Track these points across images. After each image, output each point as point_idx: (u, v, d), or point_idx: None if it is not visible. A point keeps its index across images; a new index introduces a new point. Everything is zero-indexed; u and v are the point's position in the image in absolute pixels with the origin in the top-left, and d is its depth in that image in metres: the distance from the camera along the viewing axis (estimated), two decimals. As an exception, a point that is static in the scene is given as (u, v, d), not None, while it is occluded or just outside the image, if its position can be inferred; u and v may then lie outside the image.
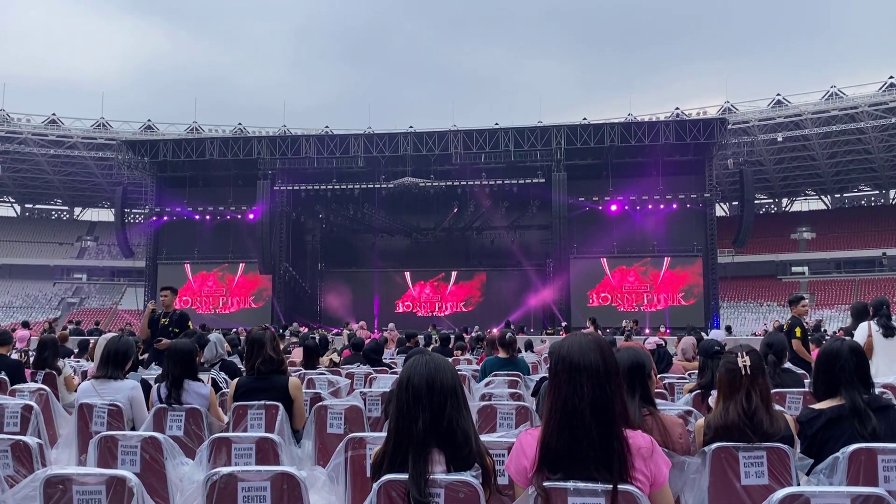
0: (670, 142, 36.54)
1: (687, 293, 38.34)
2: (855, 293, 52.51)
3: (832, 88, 46.43)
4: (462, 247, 41.77)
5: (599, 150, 37.69)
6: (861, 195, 59.81)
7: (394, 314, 39.10)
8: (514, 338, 8.80)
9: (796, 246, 57.50)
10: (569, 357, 2.66)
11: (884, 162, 51.51)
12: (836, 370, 3.82)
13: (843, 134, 47.65)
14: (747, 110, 48.08)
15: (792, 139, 48.20)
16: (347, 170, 38.55)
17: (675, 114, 47.67)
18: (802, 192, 60.06)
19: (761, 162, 50.61)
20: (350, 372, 8.80)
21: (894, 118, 44.74)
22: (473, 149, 37.70)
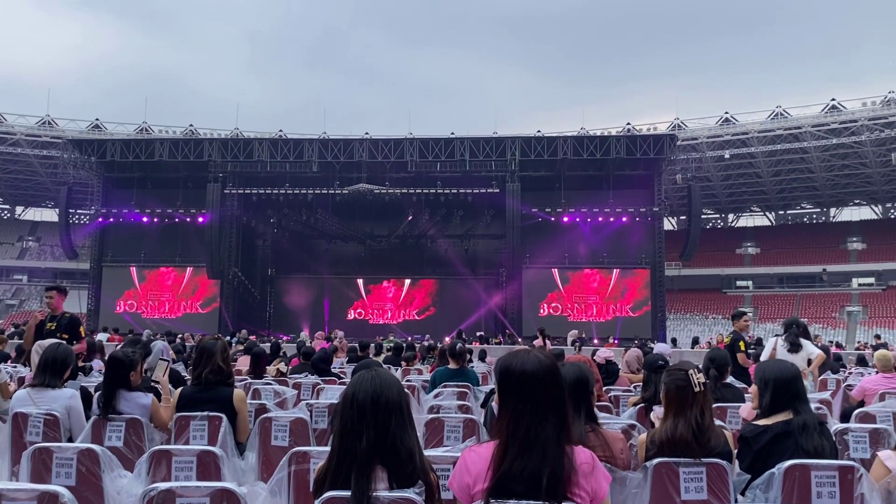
0: (621, 156, 37.21)
1: (635, 305, 39.01)
2: (797, 307, 54.11)
3: (777, 108, 47.89)
4: (416, 255, 41.73)
5: (553, 163, 38.15)
6: (803, 212, 61.74)
7: (345, 321, 38.81)
8: (464, 348, 8.81)
9: (741, 260, 59.03)
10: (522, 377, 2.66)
11: (825, 181, 53.30)
12: (789, 390, 3.94)
13: (788, 153, 49.18)
14: (696, 127, 49.25)
15: (738, 156, 49.55)
16: (301, 174, 38.20)
17: (626, 129, 48.53)
18: (748, 209, 61.73)
19: (709, 178, 51.87)
20: (297, 382, 8.69)
21: (835, 139, 46.38)
22: (429, 157, 37.76)
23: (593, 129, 47.68)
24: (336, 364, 12.03)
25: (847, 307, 53.48)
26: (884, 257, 53.69)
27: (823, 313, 53.14)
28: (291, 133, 44.15)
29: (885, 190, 54.56)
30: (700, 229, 43.43)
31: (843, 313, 53.08)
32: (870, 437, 4.81)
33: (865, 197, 57.33)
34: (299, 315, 39.68)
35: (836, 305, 53.83)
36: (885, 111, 44.70)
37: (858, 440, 4.79)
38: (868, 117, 44.87)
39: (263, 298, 43.01)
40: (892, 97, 44.84)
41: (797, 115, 47.37)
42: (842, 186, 54.80)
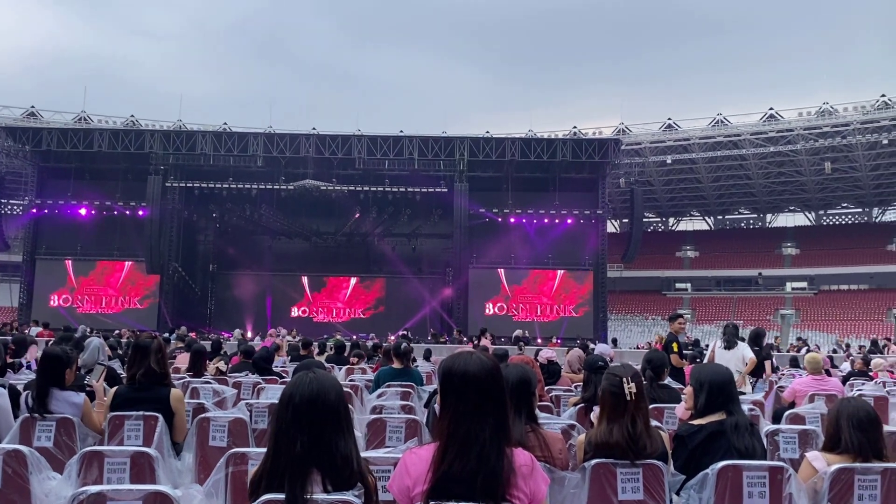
0: (567, 159, 37.72)
1: (578, 305, 39.59)
2: (733, 310, 55.75)
3: (718, 116, 49.20)
4: (362, 253, 41.48)
5: (500, 164, 38.42)
6: (741, 218, 63.62)
7: (289, 319, 38.35)
8: (409, 348, 8.80)
9: (681, 263, 60.49)
10: (464, 379, 2.67)
11: (762, 188, 55.02)
12: (724, 392, 4.05)
13: (727, 159, 50.59)
14: (640, 132, 50.25)
15: (680, 162, 50.72)
16: (245, 169, 37.57)
17: (572, 132, 49.24)
18: (688, 213, 63.28)
19: (651, 182, 52.97)
20: (238, 381, 8.54)
21: (773, 147, 47.90)
22: (377, 154, 37.60)
23: (541, 132, 48.26)
24: (278, 363, 11.87)
25: (781, 310, 55.33)
26: (816, 262, 55.73)
27: (758, 316, 54.83)
28: (236, 126, 43.37)
29: (819, 197, 56.64)
30: (642, 232, 44.39)
31: (777, 316, 54.89)
32: (799, 437, 4.98)
33: (800, 204, 59.39)
34: (241, 312, 39.03)
35: (771, 308, 55.64)
36: (819, 121, 46.38)
37: (788, 441, 4.96)
38: (803, 127, 46.48)
39: (204, 295, 42.16)
40: (825, 108, 46.55)
41: (737, 122, 48.77)
42: (778, 193, 56.66)
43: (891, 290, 53.54)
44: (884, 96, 45.42)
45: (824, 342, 40.46)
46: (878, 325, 50.25)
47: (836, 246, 56.17)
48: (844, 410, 3.71)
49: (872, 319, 51.28)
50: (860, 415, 3.67)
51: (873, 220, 59.15)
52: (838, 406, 3.79)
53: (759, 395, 9.17)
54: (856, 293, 55.74)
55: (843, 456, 3.67)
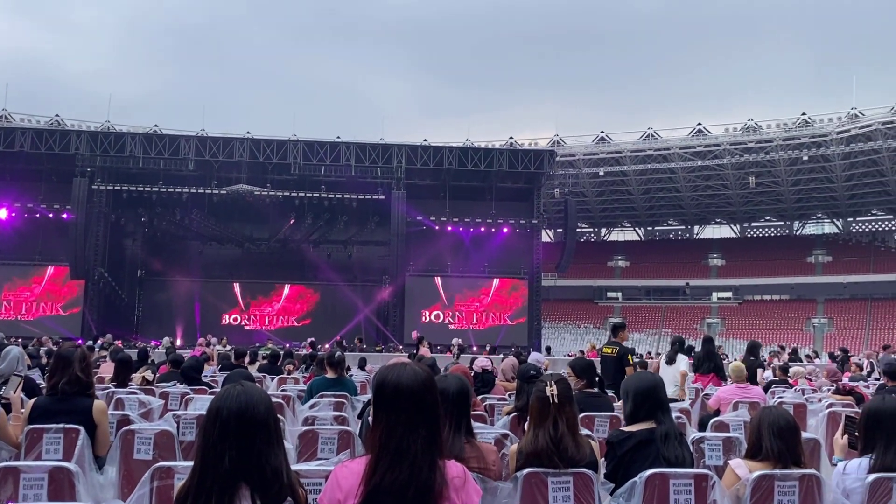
0: (504, 169, 38.16)
1: (513, 314, 39.99)
2: (662, 318, 57.31)
3: (649, 130, 50.64)
4: (297, 259, 40.88)
5: (438, 172, 38.56)
6: (670, 229, 65.49)
7: (219, 326, 37.44)
8: (342, 357, 8.72)
9: (612, 273, 61.85)
10: (397, 391, 2.65)
11: (690, 200, 56.80)
12: (656, 398, 4.13)
13: (657, 172, 52.11)
14: (574, 145, 51.28)
15: (612, 174, 51.98)
16: (176, 172, 36.64)
17: (509, 142, 49.87)
18: (619, 224, 64.78)
19: (584, 193, 54.07)
20: (165, 391, 8.30)
21: (700, 161, 49.57)
22: (314, 160, 37.24)
23: (478, 142, 48.67)
24: (208, 372, 11.59)
25: (707, 319, 57.12)
26: (741, 273, 57.80)
27: (686, 325, 56.47)
28: (167, 129, 42.21)
29: (743, 210, 58.84)
30: (575, 242, 45.22)
31: (704, 325, 56.61)
32: (723, 445, 5.14)
33: (725, 216, 61.53)
34: (171, 319, 37.94)
35: (698, 317, 57.39)
36: (744, 137, 48.26)
37: (713, 448, 5.11)
38: (729, 142, 48.29)
39: (132, 301, 40.81)
40: (750, 124, 48.46)
41: (666, 137, 50.30)
42: (705, 206, 58.59)
43: (810, 301, 55.95)
44: (804, 115, 47.58)
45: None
46: (798, 334, 52.43)
47: (759, 258, 58.41)
48: (766, 419, 3.85)
49: (793, 329, 53.46)
50: (780, 423, 3.81)
51: (794, 233, 61.75)
52: (760, 415, 3.93)
53: None
54: (777, 303, 58.03)
55: (764, 463, 3.80)
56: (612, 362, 9.76)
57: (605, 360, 10.05)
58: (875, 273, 53.08)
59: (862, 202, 55.47)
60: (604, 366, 9.88)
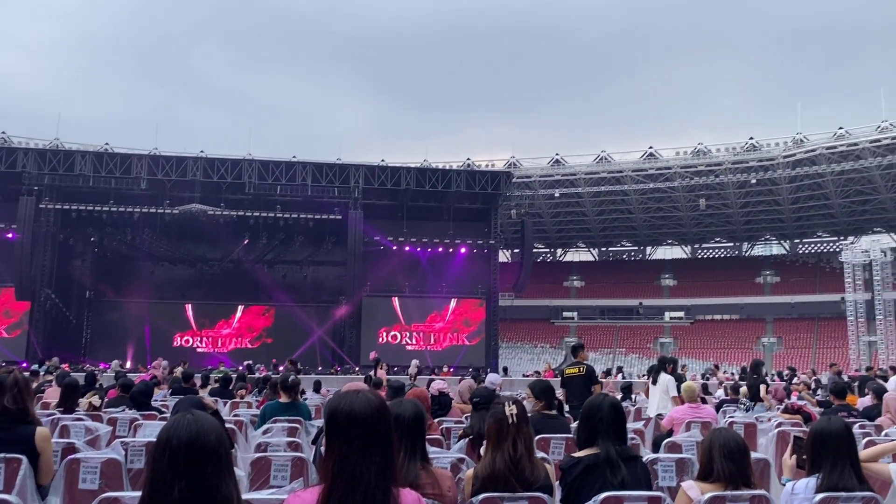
0: (461, 190, 38.40)
1: (471, 334, 40.02)
2: (616, 338, 58.00)
3: (602, 153, 51.58)
4: (251, 280, 40.24)
5: (396, 192, 38.59)
6: (623, 250, 66.56)
7: (170, 349, 36.59)
8: (297, 381, 8.59)
9: (568, 293, 62.48)
10: (350, 419, 2.62)
11: (643, 221, 57.87)
12: (596, 422, 4.13)
13: (610, 194, 53.03)
14: (530, 166, 51.93)
15: (567, 196, 52.74)
16: (128, 191, 35.95)
17: (466, 163, 50.25)
18: (575, 244, 65.62)
19: (540, 214, 54.69)
20: (113, 417, 8.06)
21: (652, 183, 50.61)
22: (269, 180, 36.94)
23: (435, 162, 48.92)
24: (158, 396, 11.31)
25: (660, 339, 58.01)
26: (692, 293, 58.91)
27: (639, 344, 57.29)
28: (119, 147, 41.42)
29: (694, 232, 60.13)
30: (531, 262, 45.62)
31: (657, 344, 57.48)
32: (676, 466, 5.20)
33: (677, 238, 62.80)
34: (120, 342, 36.94)
35: (651, 337, 58.26)
36: (694, 160, 49.47)
37: (666, 469, 5.16)
38: (680, 165, 49.43)
39: (80, 323, 39.65)
40: (700, 148, 49.70)
41: (619, 160, 51.29)
42: (657, 227, 59.74)
43: (759, 321, 57.28)
44: (752, 139, 49.02)
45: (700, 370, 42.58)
46: (748, 353, 53.47)
47: (709, 278, 59.64)
48: (716, 441, 3.91)
49: (743, 348, 54.59)
50: (731, 445, 3.87)
51: (743, 254, 63.30)
52: (711, 436, 3.99)
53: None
54: (728, 323, 59.25)
55: (716, 484, 3.85)
56: (581, 381, 9.70)
57: (573, 380, 9.96)
58: (821, 293, 54.63)
59: (808, 224, 57.22)
60: (571, 387, 9.84)
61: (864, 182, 48.44)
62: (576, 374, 9.91)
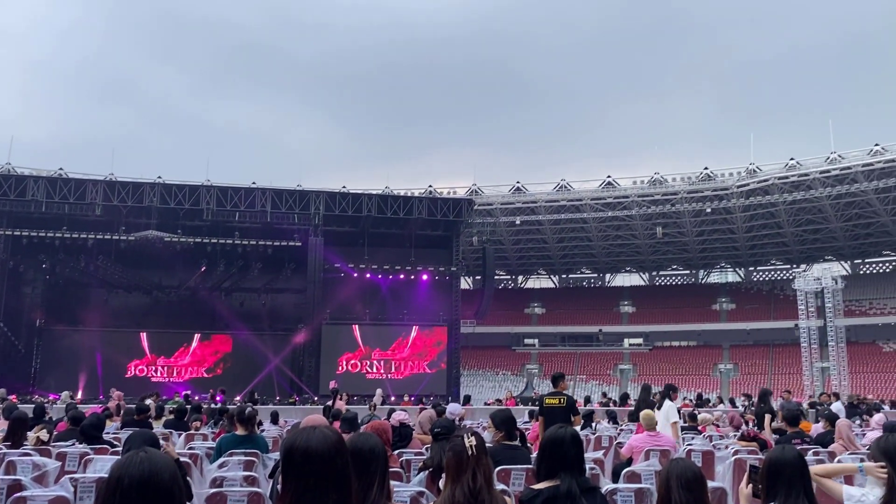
0: (423, 217, 38.46)
1: (432, 362, 39.81)
2: (577, 365, 58.27)
3: (562, 181, 52.28)
4: (208, 308, 39.55)
5: (357, 219, 38.49)
6: (583, 277, 67.22)
7: (124, 378, 35.65)
8: (253, 413, 8.43)
9: (529, 320, 62.73)
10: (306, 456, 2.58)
11: (602, 249, 58.61)
12: (558, 455, 4.13)
13: (570, 222, 53.68)
14: (491, 194, 52.33)
15: (528, 223, 53.23)
16: (82, 217, 35.20)
17: (428, 190, 50.41)
18: (536, 271, 66.07)
19: (502, 241, 55.02)
20: (62, 452, 7.80)
21: (610, 212, 51.39)
22: (227, 206, 36.56)
23: (397, 189, 49.02)
24: (110, 429, 10.99)
25: (620, 365, 58.50)
26: (650, 320, 59.67)
27: (599, 371, 57.67)
28: (73, 172, 40.56)
29: (652, 259, 61.09)
30: (493, 289, 45.77)
31: (617, 371, 57.94)
32: (635, 496, 5.21)
33: (635, 265, 63.70)
34: (72, 372, 35.88)
35: (611, 363, 58.71)
36: (651, 190, 50.40)
37: (625, 500, 5.18)
38: (637, 194, 50.31)
39: (29, 352, 38.40)
40: (657, 178, 50.68)
41: (579, 188, 52.03)
42: (616, 255, 60.56)
43: (716, 347, 58.18)
44: (706, 169, 50.17)
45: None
46: (705, 379, 54.30)
47: (667, 305, 60.52)
48: (673, 471, 3.93)
49: (701, 374, 55.35)
50: (687, 475, 3.90)
51: (700, 281, 64.44)
52: (668, 468, 4.01)
53: None
54: (686, 349, 60.05)
55: (674, 515, 3.86)
56: (562, 413, 9.53)
57: (553, 411, 9.72)
58: (775, 320, 55.81)
59: (762, 252, 58.59)
60: (550, 417, 9.68)
61: (815, 211, 49.87)
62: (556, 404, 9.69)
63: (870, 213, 49.25)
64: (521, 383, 54.75)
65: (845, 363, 45.09)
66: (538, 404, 10.78)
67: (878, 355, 52.69)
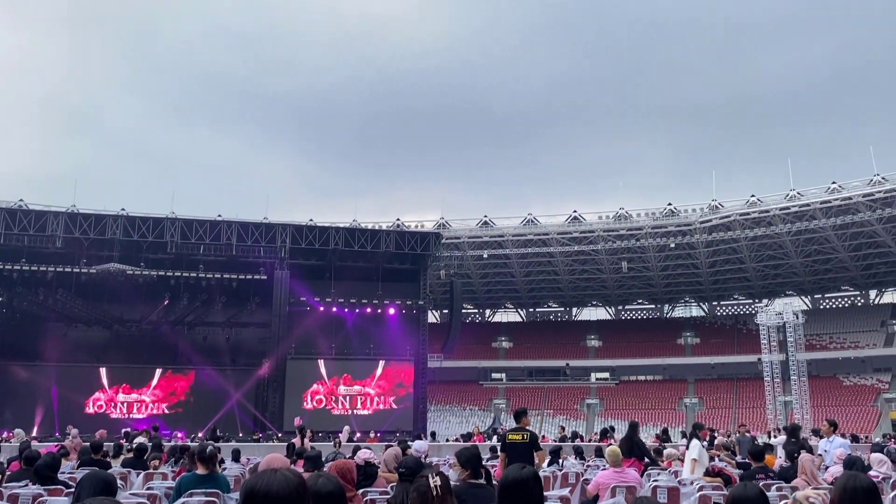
0: (391, 250, 38.44)
1: (398, 397, 39.43)
2: (544, 399, 58.18)
3: (529, 215, 52.73)
4: (171, 342, 38.82)
5: (324, 252, 38.30)
6: (550, 311, 67.47)
7: (82, 415, 34.70)
8: (214, 451, 8.23)
9: (496, 354, 62.63)
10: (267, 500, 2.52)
11: (568, 283, 58.97)
12: (517, 496, 4.11)
13: (537, 256, 54.05)
14: (459, 228, 52.54)
15: (495, 257, 53.48)
16: (42, 250, 34.55)
17: (396, 224, 50.44)
18: (503, 305, 66.18)
19: (469, 275, 55.12)
20: (14, 493, 7.52)
21: (576, 246, 51.89)
22: (192, 239, 36.17)
23: (365, 223, 48.97)
24: (66, 468, 10.64)
25: (587, 399, 58.53)
26: (617, 354, 59.98)
27: (567, 405, 57.62)
28: (34, 204, 39.84)
29: (617, 294, 61.61)
30: (460, 323, 45.70)
31: (584, 405, 57.95)
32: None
33: (601, 299, 64.16)
34: (28, 408, 34.79)
35: (578, 398, 58.71)
36: (616, 224, 51.06)
37: (591, 539, 5.13)
38: (603, 229, 50.92)
39: (-18, 389, 37.20)
40: (622, 213, 51.39)
41: (545, 223, 52.52)
42: (582, 289, 60.96)
43: (681, 381, 58.59)
44: (670, 205, 51.03)
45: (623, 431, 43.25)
46: (671, 413, 54.54)
47: (633, 339, 60.95)
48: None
49: (666, 409, 55.61)
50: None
51: (664, 315, 65.08)
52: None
53: None
54: (651, 383, 60.37)
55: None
56: (524, 448, 9.46)
57: (515, 446, 9.65)
58: (739, 354, 56.49)
59: (725, 287, 59.50)
60: (513, 453, 9.60)
61: (776, 247, 50.91)
62: (519, 440, 9.60)
63: (828, 249, 50.42)
64: (488, 418, 54.48)
65: (807, 397, 45.69)
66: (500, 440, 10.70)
67: (839, 389, 53.53)
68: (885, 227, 45.99)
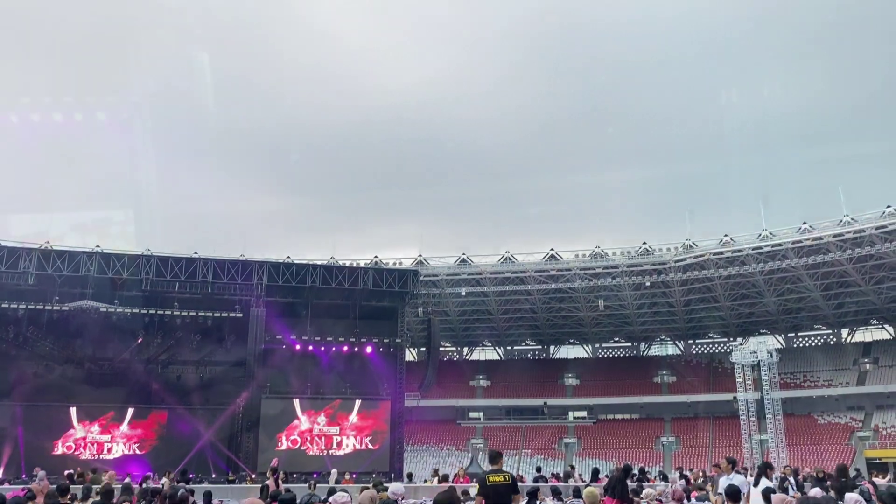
0: (368, 287, 38.31)
1: (375, 437, 38.90)
2: (522, 438, 57.85)
3: (506, 254, 53.03)
4: (143, 381, 37.98)
5: (300, 290, 38.06)
6: (528, 349, 67.44)
7: (50, 456, 33.77)
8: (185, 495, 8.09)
9: (474, 392, 62.32)
10: None
11: (545, 321, 59.10)
12: None
13: (515, 293, 54.21)
14: (437, 265, 52.64)
15: (473, 294, 53.55)
16: (13, 287, 33.93)
17: (374, 261, 50.44)
18: (481, 343, 66.05)
19: (447, 312, 55.07)
20: (-24, 541, 7.31)
21: (554, 284, 52.14)
22: (167, 276, 35.79)
23: (343, 260, 48.88)
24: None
25: (564, 438, 58.27)
26: (594, 393, 59.95)
27: (545, 445, 57.30)
28: (6, 240, 39.22)
29: (594, 332, 61.78)
30: (438, 361, 45.46)
31: (562, 444, 57.66)
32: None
33: (578, 337, 64.31)
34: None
35: (556, 437, 58.45)
36: (592, 263, 51.48)
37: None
38: (579, 267, 51.31)
39: (-55, 429, 36.16)
40: (598, 251, 51.86)
41: (523, 261, 52.82)
42: (559, 326, 61.09)
43: (658, 420, 58.62)
44: (645, 244, 51.61)
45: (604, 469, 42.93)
46: (648, 452, 54.43)
47: (610, 377, 61.04)
48: None
49: (644, 448, 55.50)
50: None
51: (641, 354, 65.30)
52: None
53: None
54: (629, 422, 60.32)
55: None
56: (506, 490, 9.48)
57: (497, 489, 9.64)
58: (715, 392, 56.73)
59: (700, 325, 59.98)
60: (496, 495, 9.55)
61: (750, 286, 51.53)
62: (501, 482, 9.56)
63: (801, 289, 51.13)
64: (465, 459, 53.94)
65: (783, 436, 45.88)
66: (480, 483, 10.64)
67: (814, 427, 53.85)
68: (855, 267, 46.83)
